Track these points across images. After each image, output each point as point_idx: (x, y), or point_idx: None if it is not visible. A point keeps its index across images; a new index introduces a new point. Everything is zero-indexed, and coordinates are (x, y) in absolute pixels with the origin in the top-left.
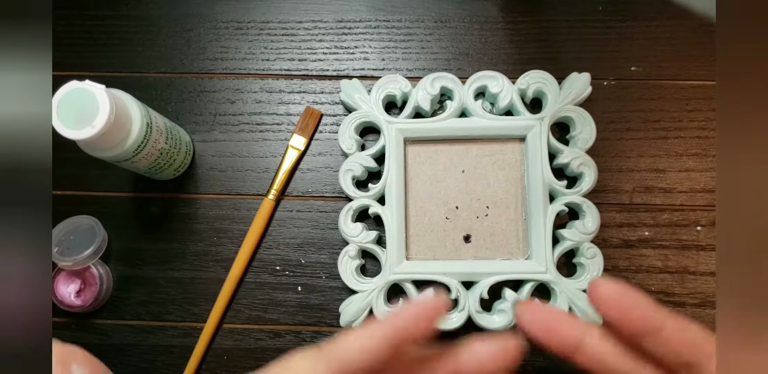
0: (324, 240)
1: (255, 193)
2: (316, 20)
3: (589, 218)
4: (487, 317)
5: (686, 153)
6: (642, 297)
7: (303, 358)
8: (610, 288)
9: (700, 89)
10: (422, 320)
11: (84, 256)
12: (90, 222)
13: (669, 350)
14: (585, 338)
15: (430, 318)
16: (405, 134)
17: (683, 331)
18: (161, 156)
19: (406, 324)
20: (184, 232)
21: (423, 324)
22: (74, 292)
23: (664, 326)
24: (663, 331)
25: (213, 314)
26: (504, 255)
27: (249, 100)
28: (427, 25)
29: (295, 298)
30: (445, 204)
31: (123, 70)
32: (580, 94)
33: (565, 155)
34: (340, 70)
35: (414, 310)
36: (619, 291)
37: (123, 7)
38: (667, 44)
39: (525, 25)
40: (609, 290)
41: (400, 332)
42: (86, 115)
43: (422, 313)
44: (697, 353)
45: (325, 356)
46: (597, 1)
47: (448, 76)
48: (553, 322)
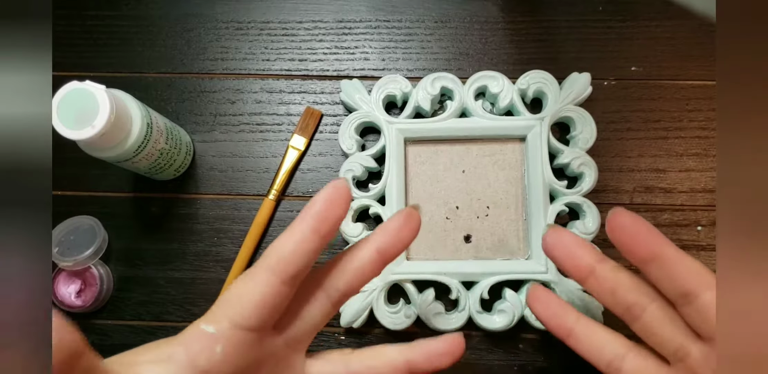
0: None
1: (255, 193)
2: (317, 20)
3: (590, 218)
4: (487, 317)
5: (686, 153)
6: (651, 227)
7: (244, 277)
8: (626, 216)
9: (700, 89)
10: (334, 201)
11: (84, 256)
12: (90, 222)
13: (669, 278)
14: (598, 266)
15: (341, 197)
16: (405, 134)
17: (683, 261)
18: (161, 156)
19: (321, 208)
20: (185, 232)
21: (336, 204)
22: (74, 292)
23: (667, 254)
24: (665, 259)
25: None
26: (504, 255)
27: (249, 100)
28: (428, 26)
29: None
30: (446, 204)
31: (123, 70)
32: (581, 94)
33: (565, 155)
34: (341, 70)
35: (322, 195)
36: (634, 219)
37: (123, 7)
38: (667, 44)
39: (525, 25)
40: (625, 218)
41: (319, 217)
42: (86, 115)
43: (331, 195)
44: (694, 282)
45: (264, 266)
46: (597, 1)
47: (449, 77)
48: (573, 247)
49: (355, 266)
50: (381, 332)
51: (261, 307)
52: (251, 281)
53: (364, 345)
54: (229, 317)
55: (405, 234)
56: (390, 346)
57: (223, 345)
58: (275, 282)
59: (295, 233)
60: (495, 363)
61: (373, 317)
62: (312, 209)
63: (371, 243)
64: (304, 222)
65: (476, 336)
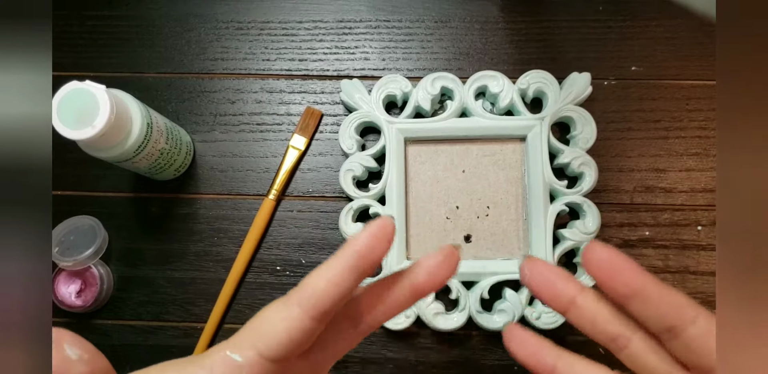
0: (325, 240)
1: (255, 193)
2: (317, 20)
3: (590, 218)
4: (487, 317)
5: (687, 153)
6: (630, 261)
7: (275, 307)
8: (602, 251)
9: (700, 89)
10: (376, 240)
11: (84, 256)
12: (90, 222)
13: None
14: (579, 297)
15: (384, 237)
16: (405, 134)
17: (665, 296)
18: (162, 156)
19: (362, 246)
20: (185, 232)
21: (378, 244)
22: (75, 292)
23: (648, 290)
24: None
25: (213, 314)
26: (504, 255)
27: (249, 100)
28: (428, 25)
29: None
30: (446, 204)
31: (123, 70)
32: (581, 94)
33: (565, 154)
34: (341, 70)
35: (366, 233)
36: (610, 254)
37: (123, 7)
38: (667, 44)
39: (525, 25)
40: (601, 253)
41: (359, 255)
42: (86, 115)
43: (375, 233)
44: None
45: (296, 299)
46: (597, 1)
47: (449, 76)
48: (552, 278)
49: (387, 303)
50: (381, 332)
51: (288, 341)
52: (281, 313)
53: (364, 346)
54: (256, 347)
55: (443, 274)
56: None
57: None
58: (305, 317)
59: (331, 269)
60: (495, 362)
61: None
62: (353, 246)
63: (407, 280)
64: (343, 260)
65: (476, 336)
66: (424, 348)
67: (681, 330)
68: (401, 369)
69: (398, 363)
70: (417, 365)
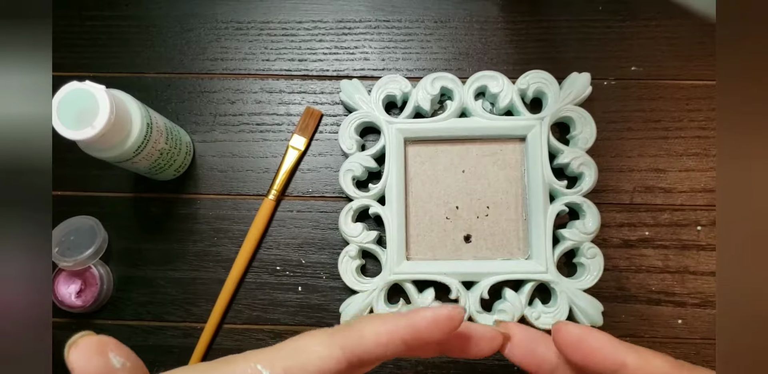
0: (324, 240)
1: (255, 193)
2: (317, 20)
3: (590, 218)
4: (487, 317)
5: (686, 153)
6: (603, 336)
7: (317, 340)
8: (571, 332)
9: (700, 89)
10: (441, 326)
11: (84, 256)
12: (90, 223)
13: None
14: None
15: (449, 327)
16: (405, 134)
17: (646, 366)
18: (161, 156)
19: (427, 327)
20: (185, 232)
21: (440, 330)
22: (74, 292)
23: (627, 363)
24: (626, 368)
25: (213, 314)
26: (504, 255)
27: (249, 100)
28: (427, 25)
29: (295, 298)
30: (446, 204)
31: (123, 70)
32: (581, 94)
33: (565, 155)
34: (341, 70)
35: (437, 316)
36: (580, 333)
37: (123, 7)
38: (667, 44)
39: (525, 25)
40: (570, 334)
41: (418, 333)
42: (86, 115)
43: (443, 320)
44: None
45: (340, 342)
46: (597, 1)
47: (448, 77)
48: (531, 344)
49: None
50: None
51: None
52: (323, 349)
53: None
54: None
55: (437, 335)
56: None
57: None
58: (343, 361)
59: (386, 333)
60: (495, 363)
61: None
62: (419, 322)
63: (398, 333)
64: (402, 330)
65: None
66: None
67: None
68: (401, 368)
69: (398, 363)
70: (417, 365)
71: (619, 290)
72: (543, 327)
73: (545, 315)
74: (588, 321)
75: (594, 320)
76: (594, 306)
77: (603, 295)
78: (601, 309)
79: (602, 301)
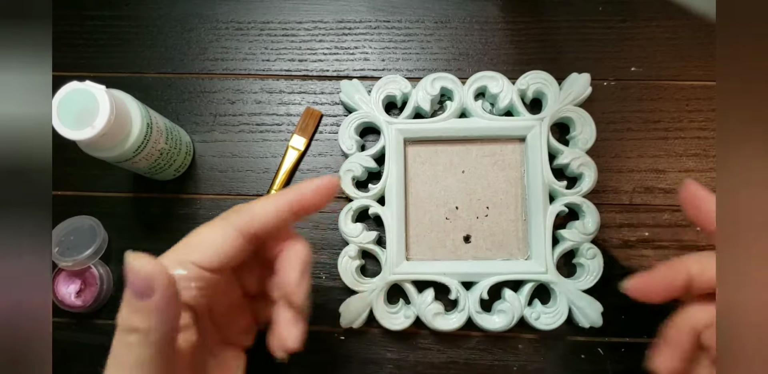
0: (324, 240)
1: (255, 193)
2: (317, 21)
3: (589, 219)
4: (487, 317)
5: (686, 153)
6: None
7: (214, 228)
8: (694, 190)
9: (700, 90)
10: (321, 192)
11: (84, 256)
12: (90, 222)
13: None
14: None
15: (328, 193)
16: (405, 135)
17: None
18: (161, 156)
19: (306, 196)
20: (185, 232)
21: (320, 196)
22: (74, 292)
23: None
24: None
25: None
26: (504, 256)
27: (249, 100)
28: (427, 26)
29: None
30: (445, 204)
31: (123, 70)
32: (580, 94)
33: (565, 155)
34: (341, 70)
35: (314, 186)
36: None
37: (123, 7)
38: (667, 45)
39: (525, 26)
40: (692, 191)
41: (301, 199)
42: (86, 115)
43: (322, 186)
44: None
45: (234, 222)
46: (597, 2)
47: (448, 77)
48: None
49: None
50: (380, 332)
51: (224, 254)
52: (219, 232)
53: (363, 346)
54: (194, 260)
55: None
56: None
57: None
58: (240, 237)
59: (273, 205)
60: (494, 363)
61: (372, 317)
62: (300, 189)
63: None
64: (286, 197)
65: (476, 337)
66: (424, 348)
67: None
68: (400, 369)
69: (397, 364)
70: (416, 365)
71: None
72: (542, 327)
73: (545, 315)
74: (587, 321)
75: (593, 320)
76: (593, 307)
77: (602, 296)
78: (601, 309)
79: (602, 302)
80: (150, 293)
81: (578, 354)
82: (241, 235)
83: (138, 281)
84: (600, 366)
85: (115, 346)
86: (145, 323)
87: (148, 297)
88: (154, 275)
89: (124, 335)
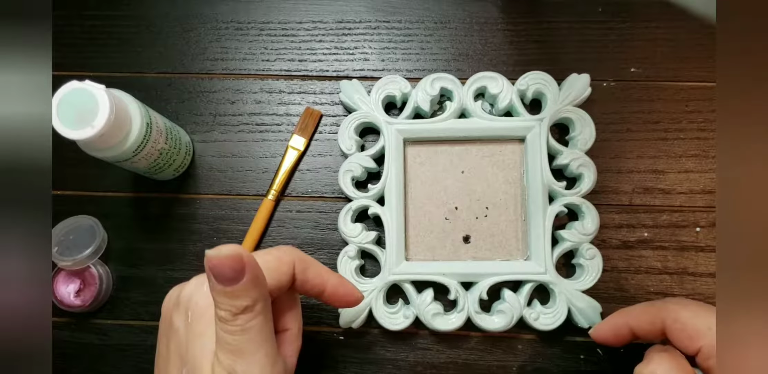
0: (324, 241)
1: (255, 193)
2: (317, 21)
3: (589, 219)
4: (486, 318)
5: (686, 154)
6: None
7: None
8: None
9: (699, 90)
10: (344, 300)
11: (84, 256)
12: (90, 222)
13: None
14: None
15: (347, 302)
16: (405, 135)
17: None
18: (161, 156)
19: (340, 292)
20: (184, 232)
21: (341, 302)
22: (74, 292)
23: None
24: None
25: None
26: (503, 256)
27: (249, 100)
28: (427, 26)
29: None
30: (445, 205)
31: (123, 70)
32: (580, 95)
33: (564, 156)
34: (340, 70)
35: (350, 289)
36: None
37: (123, 7)
38: (666, 45)
39: (525, 27)
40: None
41: (334, 292)
42: (86, 115)
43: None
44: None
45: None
46: (597, 3)
47: (448, 77)
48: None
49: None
50: (380, 332)
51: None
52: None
53: (363, 346)
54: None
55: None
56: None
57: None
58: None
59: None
60: (494, 363)
61: (372, 317)
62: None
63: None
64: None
65: (475, 337)
66: (423, 348)
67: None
68: (400, 369)
69: (397, 364)
70: (416, 365)
71: (618, 291)
72: (541, 327)
73: (544, 316)
74: (587, 322)
75: (593, 321)
76: (593, 307)
77: (602, 296)
78: (600, 310)
79: (601, 302)
80: (242, 273)
81: (577, 355)
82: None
83: (227, 267)
84: (599, 367)
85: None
86: (250, 299)
87: (241, 278)
88: (241, 256)
89: (232, 321)
